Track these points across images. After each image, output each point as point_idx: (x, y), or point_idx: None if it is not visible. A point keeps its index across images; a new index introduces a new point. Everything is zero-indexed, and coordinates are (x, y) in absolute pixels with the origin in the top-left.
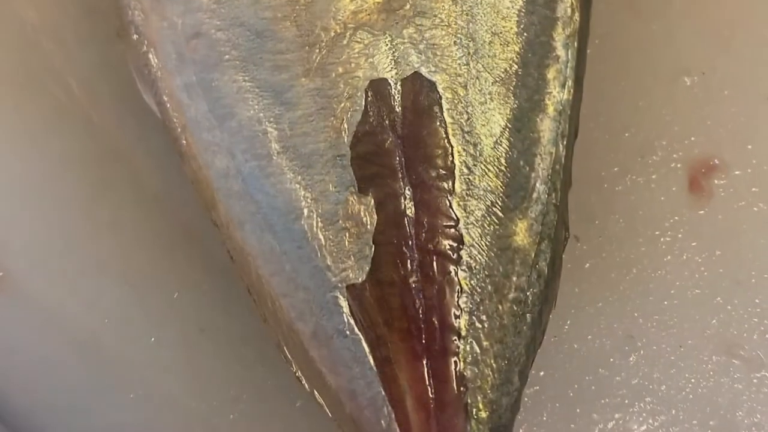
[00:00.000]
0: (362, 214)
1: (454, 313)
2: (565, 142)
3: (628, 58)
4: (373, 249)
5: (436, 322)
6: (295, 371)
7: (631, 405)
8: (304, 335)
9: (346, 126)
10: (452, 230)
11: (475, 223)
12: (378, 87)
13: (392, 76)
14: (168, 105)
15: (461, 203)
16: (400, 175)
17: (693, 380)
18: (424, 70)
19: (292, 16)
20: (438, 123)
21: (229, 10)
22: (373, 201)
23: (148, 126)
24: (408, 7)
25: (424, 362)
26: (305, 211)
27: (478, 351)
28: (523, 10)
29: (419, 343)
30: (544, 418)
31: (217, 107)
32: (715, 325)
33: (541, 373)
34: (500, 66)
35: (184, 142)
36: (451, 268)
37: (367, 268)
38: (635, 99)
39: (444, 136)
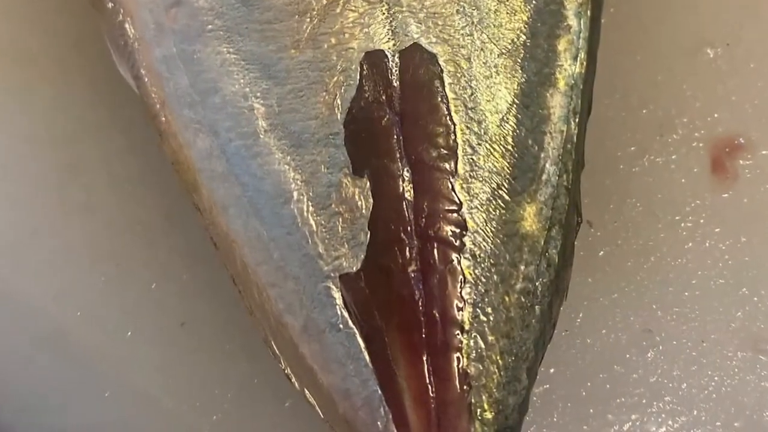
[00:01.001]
0: (357, 197)
1: (457, 305)
2: (577, 120)
3: (645, 28)
4: (368, 235)
5: (437, 315)
6: (284, 368)
7: (649, 405)
8: (294, 329)
9: (339, 102)
10: (455, 215)
11: (479, 207)
12: (374, 59)
13: (389, 48)
14: (146, 79)
15: (464, 186)
16: (398, 156)
17: (716, 378)
18: (424, 41)
19: None
20: (439, 99)
21: None
22: (368, 183)
23: (124, 102)
24: None
25: (425, 358)
26: (295, 194)
27: (483, 346)
28: None
29: (419, 337)
30: (555, 419)
31: (199, 81)
32: (740, 317)
33: (552, 370)
34: (507, 36)
35: (164, 119)
36: (454, 256)
37: (362, 257)
38: (653, 73)
39: (446, 112)
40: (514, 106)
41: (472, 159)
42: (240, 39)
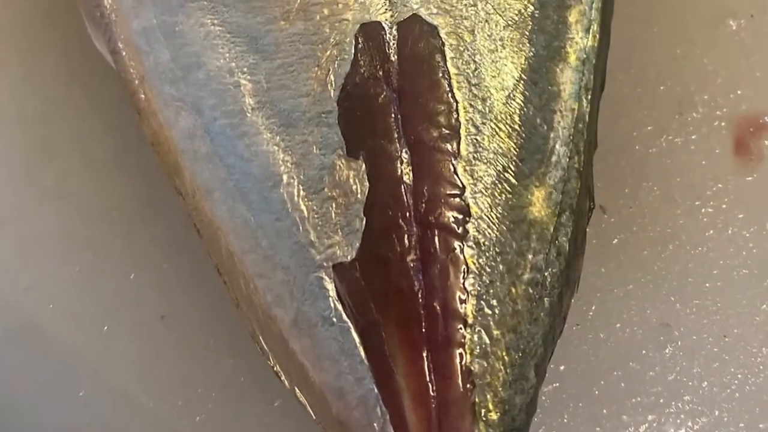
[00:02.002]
0: (351, 180)
1: (460, 297)
2: (589, 97)
3: None
4: (364, 222)
5: (438, 308)
6: (272, 365)
7: (667, 405)
8: (284, 323)
9: (332, 78)
10: (457, 200)
11: (483, 191)
12: (370, 32)
13: (387, 19)
14: (124, 53)
15: (467, 168)
16: (395, 136)
17: (740, 376)
18: (423, 12)
19: None
20: (440, 74)
21: None
22: (364, 166)
23: (100, 79)
24: None
25: (424, 355)
26: (285, 177)
27: (488, 341)
28: None
29: (418, 332)
30: (565, 420)
31: (181, 56)
32: (765, 310)
33: (562, 368)
34: (513, 7)
35: (143, 96)
36: (456, 244)
37: (358, 245)
38: (672, 46)
39: (447, 89)
40: (522, 82)
41: (475, 139)
42: (225, 10)
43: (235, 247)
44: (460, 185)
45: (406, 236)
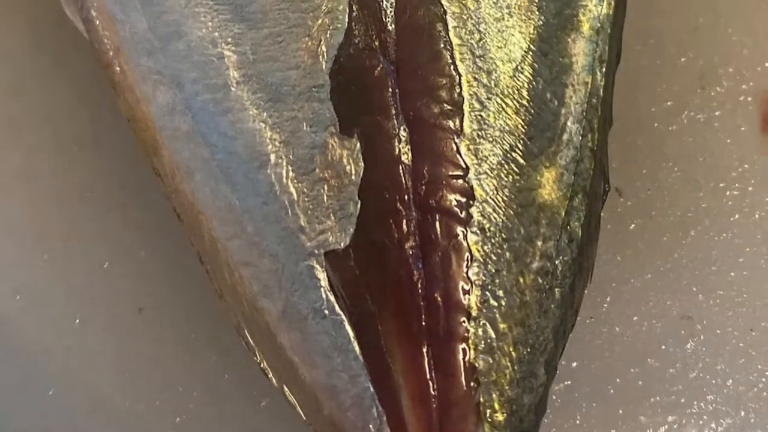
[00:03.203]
0: (345, 160)
1: (463, 288)
2: (603, 70)
3: None
4: (358, 206)
5: (439, 299)
6: (259, 362)
7: (689, 405)
8: (271, 315)
9: (324, 49)
10: (460, 182)
11: (489, 172)
12: None
13: None
14: (97, 22)
15: (471, 147)
16: (393, 112)
17: (767, 373)
18: None
19: None
20: (442, 45)
21: None
22: (358, 144)
23: (72, 50)
24: None
25: (425, 350)
26: (272, 156)
27: (493, 336)
28: None
29: (418, 325)
30: (578, 421)
31: (159, 25)
32: None
33: (574, 364)
34: None
35: (118, 69)
36: (459, 230)
37: (352, 230)
38: (694, 14)
39: (449, 61)
40: (530, 53)
41: (480, 116)
42: None
43: (219, 233)
44: (464, 166)
45: (404, 221)
